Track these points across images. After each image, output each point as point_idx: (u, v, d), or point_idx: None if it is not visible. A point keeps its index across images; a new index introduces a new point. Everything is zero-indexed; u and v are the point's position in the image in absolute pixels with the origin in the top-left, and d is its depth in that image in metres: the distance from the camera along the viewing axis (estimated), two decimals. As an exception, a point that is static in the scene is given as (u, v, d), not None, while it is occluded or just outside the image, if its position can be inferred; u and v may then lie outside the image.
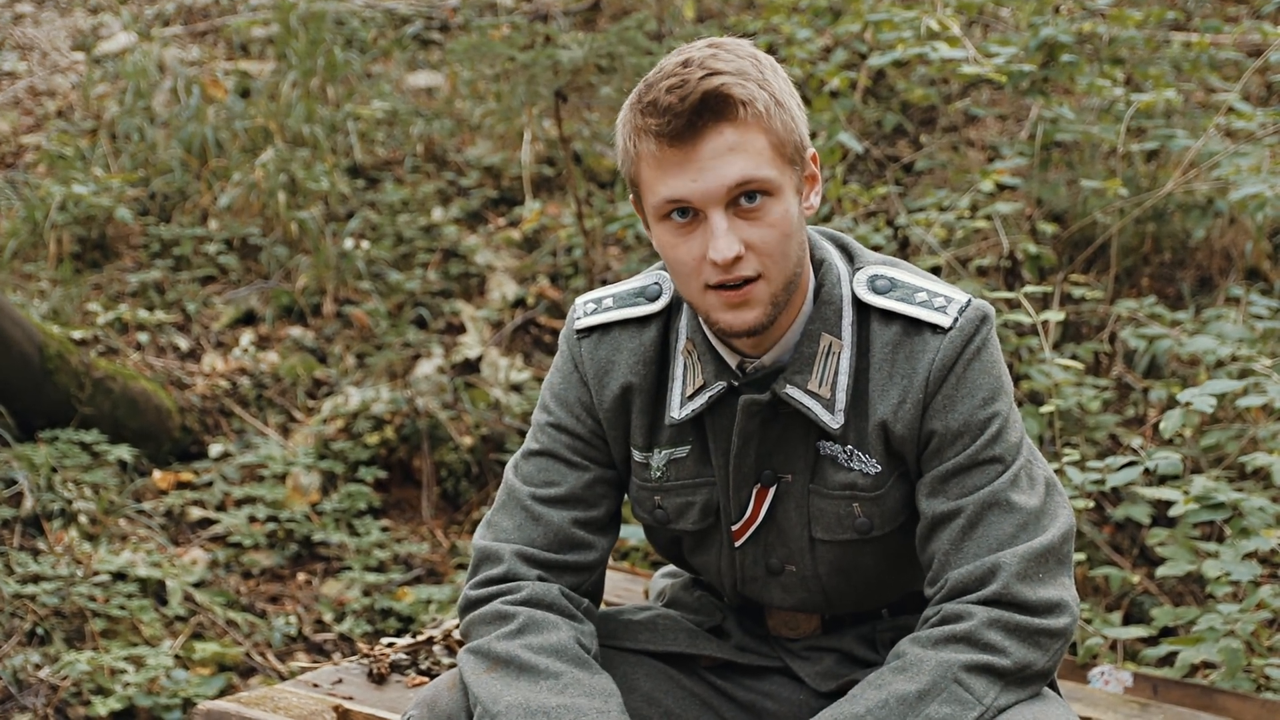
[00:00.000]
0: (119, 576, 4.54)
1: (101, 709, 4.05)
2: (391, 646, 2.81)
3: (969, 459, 1.97)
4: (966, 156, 6.10)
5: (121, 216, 6.12)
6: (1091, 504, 3.38)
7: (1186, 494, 3.19)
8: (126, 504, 4.92)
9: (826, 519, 2.06)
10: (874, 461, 2.02)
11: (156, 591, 4.58)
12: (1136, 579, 4.06)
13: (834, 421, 2.00)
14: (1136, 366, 5.16)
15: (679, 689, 2.15)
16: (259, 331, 5.91)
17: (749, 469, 2.07)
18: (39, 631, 4.29)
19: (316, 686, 2.66)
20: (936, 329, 1.98)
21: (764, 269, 1.91)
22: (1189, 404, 3.11)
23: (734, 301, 1.92)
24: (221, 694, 4.23)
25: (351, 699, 2.61)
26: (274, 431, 5.48)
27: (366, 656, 2.77)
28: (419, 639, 2.86)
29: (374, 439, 5.38)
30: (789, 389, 2.00)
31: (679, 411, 2.07)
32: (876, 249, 4.61)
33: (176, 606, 4.53)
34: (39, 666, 4.17)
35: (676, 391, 2.08)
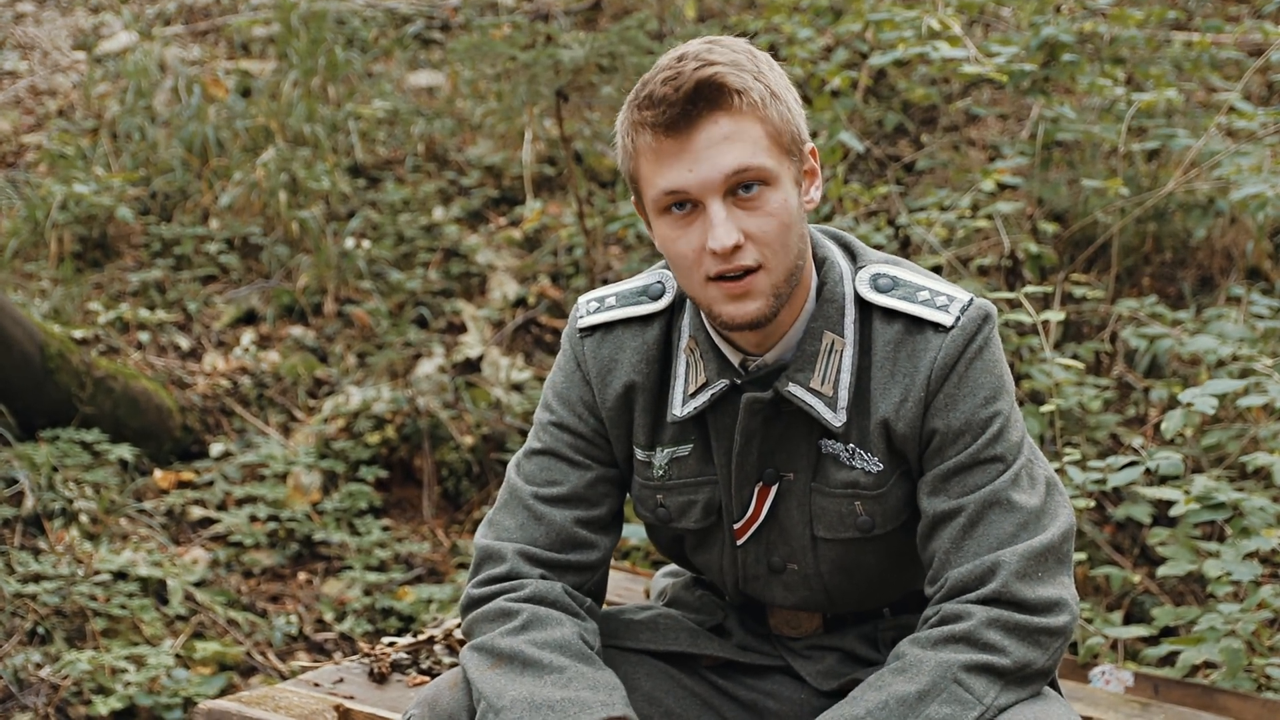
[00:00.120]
0: (120, 576, 4.54)
1: (102, 708, 4.05)
2: (393, 646, 2.81)
3: (970, 458, 1.97)
4: (967, 156, 6.10)
5: (122, 216, 6.12)
6: (1092, 503, 3.38)
7: (1187, 494, 3.19)
8: (127, 503, 4.92)
9: (828, 517, 2.06)
10: (876, 460, 2.02)
11: (157, 591, 4.58)
12: (1137, 579, 4.06)
13: (836, 420, 2.00)
14: (1137, 366, 5.15)
15: (680, 688, 2.15)
16: (260, 331, 5.91)
17: (751, 467, 2.07)
18: (40, 631, 4.29)
19: (317, 686, 2.66)
20: (939, 328, 1.98)
21: (764, 259, 1.91)
22: (1190, 404, 3.11)
23: (735, 293, 1.92)
24: (222, 693, 4.23)
25: (352, 698, 2.61)
26: (275, 431, 5.48)
27: (367, 656, 2.77)
28: (420, 638, 2.86)
29: (375, 438, 5.38)
30: (791, 387, 2.00)
31: (681, 409, 2.07)
32: (878, 248, 4.60)
33: (177, 606, 4.53)
34: (40, 666, 4.17)
35: (679, 389, 2.08)
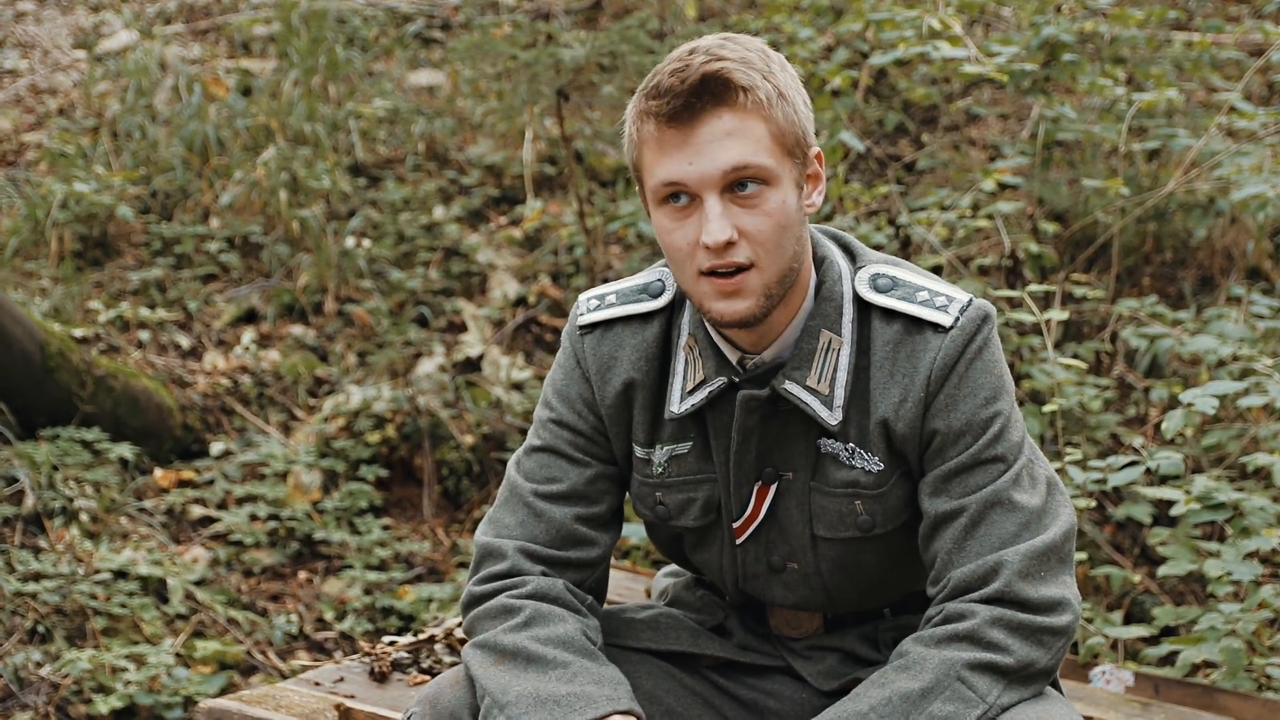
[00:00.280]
0: (120, 575, 4.54)
1: (103, 707, 4.05)
2: (393, 645, 2.81)
3: (971, 458, 1.97)
4: (968, 156, 6.10)
5: (123, 214, 6.12)
6: (1093, 503, 3.38)
7: (1188, 494, 3.19)
8: (127, 502, 4.92)
9: (828, 516, 2.06)
10: (876, 459, 2.02)
11: (157, 590, 4.58)
12: (1138, 578, 4.06)
13: (832, 418, 2.00)
14: (1138, 366, 5.15)
15: (681, 688, 2.15)
16: (260, 330, 5.91)
17: (749, 466, 2.07)
18: (40, 629, 4.29)
19: (318, 685, 2.66)
20: (938, 328, 1.98)
21: (756, 258, 1.92)
22: (1190, 404, 3.11)
23: (726, 290, 1.93)
24: (222, 692, 4.23)
25: (353, 697, 2.61)
26: (275, 430, 5.48)
27: (368, 655, 2.77)
28: (421, 637, 2.86)
29: (375, 437, 5.38)
30: (787, 385, 2.00)
31: (679, 406, 2.07)
32: (878, 248, 4.61)
33: (177, 605, 4.53)
34: (40, 664, 4.17)
35: (677, 386, 2.08)
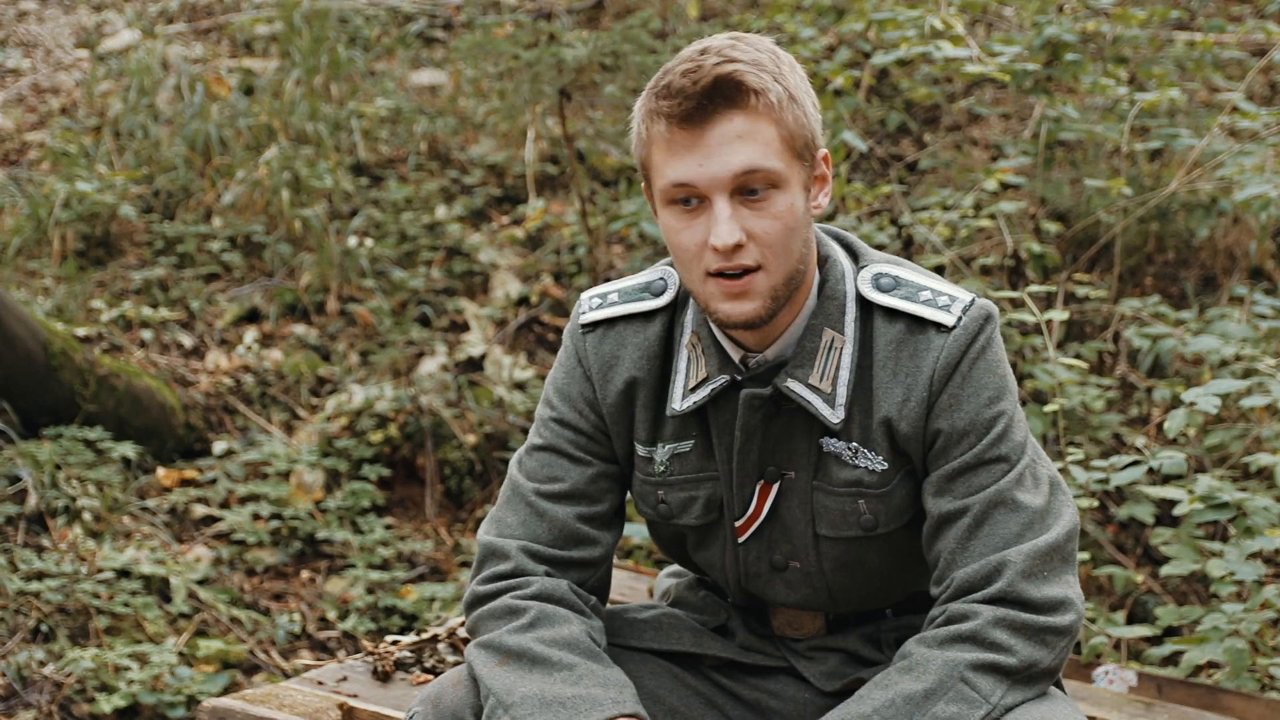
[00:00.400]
0: (123, 574, 4.54)
1: (106, 706, 4.06)
2: (396, 644, 2.81)
3: (975, 458, 1.97)
4: (970, 155, 6.09)
5: (125, 214, 6.12)
6: (1095, 503, 3.38)
7: (1191, 493, 3.19)
8: (130, 501, 4.92)
9: (831, 516, 2.07)
10: (880, 458, 2.02)
11: (160, 589, 4.59)
12: (1140, 578, 4.06)
13: (834, 416, 2.01)
14: (1140, 366, 5.15)
15: (684, 688, 2.15)
16: (263, 329, 5.91)
17: (752, 465, 2.07)
18: (43, 629, 4.29)
19: (321, 684, 2.66)
20: (940, 328, 1.99)
21: (764, 260, 1.92)
22: (1193, 404, 3.11)
23: (733, 292, 1.93)
24: (225, 691, 4.23)
25: (356, 696, 2.61)
26: (278, 429, 5.48)
27: (371, 654, 2.77)
28: (424, 637, 2.86)
29: (377, 437, 5.38)
30: (790, 383, 2.01)
31: (680, 403, 2.07)
32: (880, 248, 4.61)
33: (180, 604, 4.53)
34: (43, 664, 4.17)
35: (679, 384, 2.08)
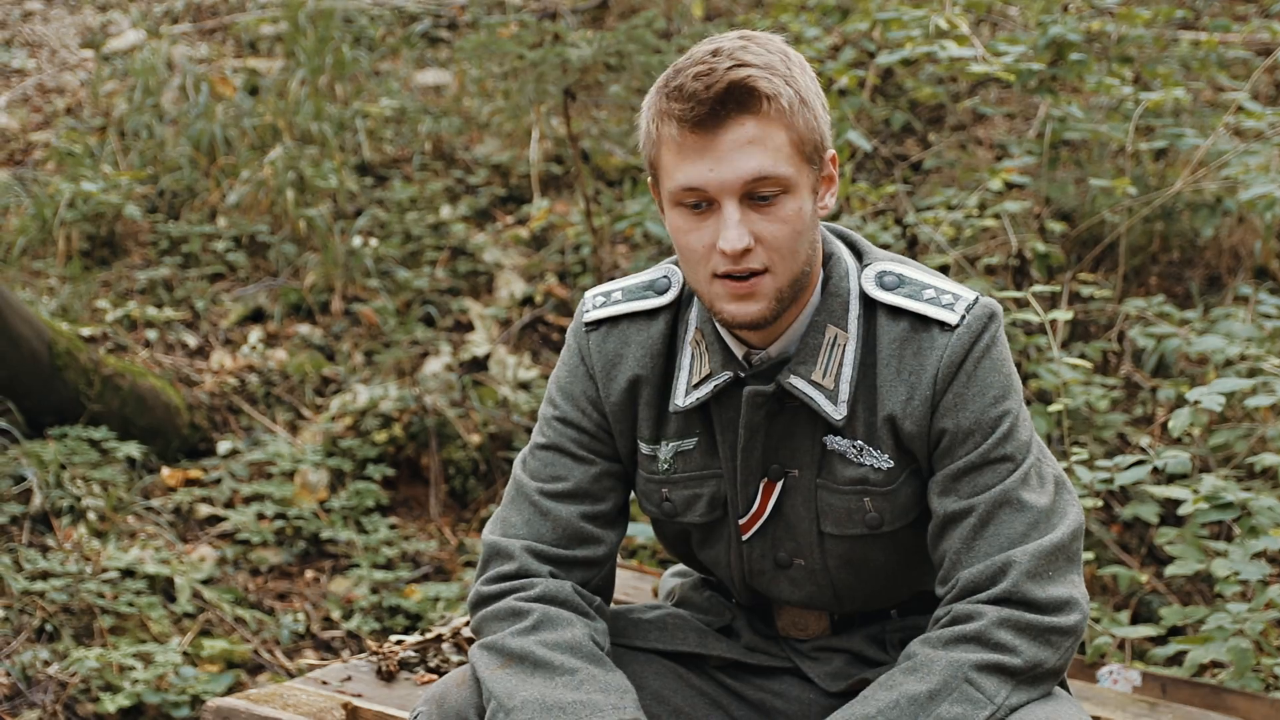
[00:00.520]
0: (127, 573, 4.55)
1: (110, 706, 4.06)
2: (400, 644, 2.82)
3: (980, 458, 1.97)
4: (975, 155, 6.09)
5: (130, 214, 6.12)
6: (1100, 503, 3.38)
7: (1195, 493, 3.19)
8: (135, 501, 4.92)
9: (836, 514, 2.06)
10: (886, 456, 2.02)
11: (165, 588, 4.59)
12: (1145, 578, 4.06)
13: (836, 413, 2.01)
14: (1145, 365, 5.15)
15: (688, 688, 2.15)
16: (267, 329, 5.92)
17: (755, 463, 2.07)
18: (48, 628, 4.30)
19: (326, 684, 2.66)
20: (944, 326, 1.99)
21: (771, 264, 1.92)
22: (1197, 403, 3.11)
23: (739, 293, 1.93)
24: (230, 691, 4.24)
25: (360, 696, 2.61)
26: (282, 429, 5.48)
27: (375, 654, 2.77)
28: (428, 636, 2.86)
29: (382, 436, 5.39)
30: (792, 379, 2.01)
31: (684, 399, 2.07)
32: (885, 247, 4.60)
33: (185, 603, 4.53)
34: (48, 663, 4.17)
35: (682, 380, 2.08)
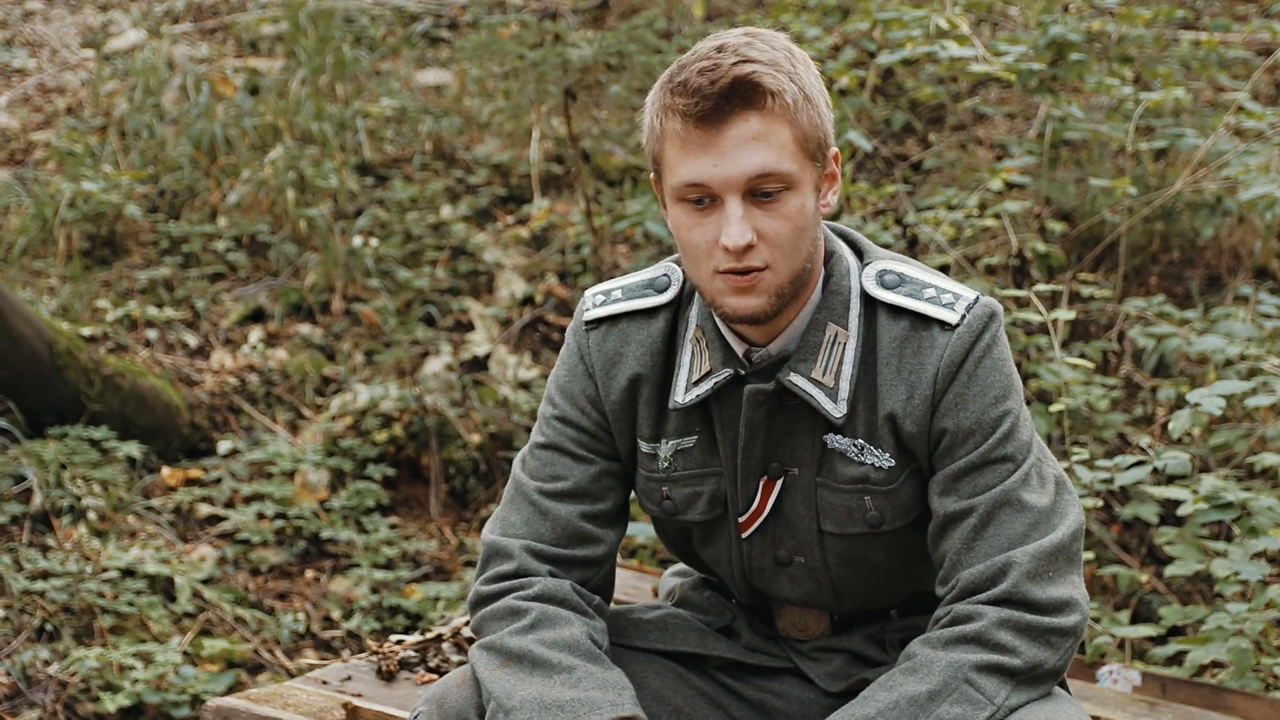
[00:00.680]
0: (128, 573, 4.55)
1: (110, 705, 4.06)
2: (400, 644, 2.82)
3: (980, 458, 1.97)
4: (975, 155, 6.09)
5: (131, 213, 6.12)
6: (1100, 503, 3.38)
7: (1195, 493, 3.19)
8: (135, 500, 4.93)
9: (836, 512, 2.07)
10: (887, 455, 2.02)
11: (165, 588, 4.59)
12: (1145, 578, 4.06)
13: (836, 411, 2.01)
14: (1145, 365, 5.15)
15: (688, 688, 2.15)
16: (268, 329, 5.92)
17: (755, 461, 2.07)
18: (48, 628, 4.30)
19: (326, 684, 2.66)
20: (944, 325, 1.99)
21: (772, 260, 1.93)
22: (1197, 403, 3.11)
23: (740, 287, 1.93)
24: (230, 691, 4.24)
25: (361, 696, 2.61)
26: (282, 429, 5.48)
27: (376, 654, 2.77)
28: (428, 636, 2.86)
29: (382, 436, 5.39)
30: (792, 376, 2.01)
31: (683, 396, 2.07)
32: (886, 247, 4.60)
33: (185, 603, 4.53)
34: (48, 663, 4.17)
35: (682, 377, 2.08)
